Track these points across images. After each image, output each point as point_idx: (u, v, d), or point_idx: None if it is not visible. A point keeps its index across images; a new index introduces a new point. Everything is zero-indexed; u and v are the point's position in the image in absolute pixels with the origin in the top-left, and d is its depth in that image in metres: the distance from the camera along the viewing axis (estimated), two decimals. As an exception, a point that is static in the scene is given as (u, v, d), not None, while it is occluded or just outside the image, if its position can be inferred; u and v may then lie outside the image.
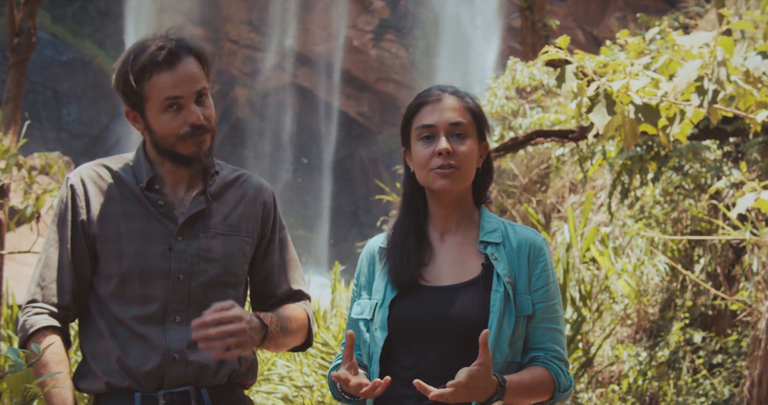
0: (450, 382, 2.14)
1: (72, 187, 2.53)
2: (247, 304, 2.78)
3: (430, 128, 2.39)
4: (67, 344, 2.52)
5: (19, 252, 5.01)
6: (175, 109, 2.45)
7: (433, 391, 2.14)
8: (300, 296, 2.69)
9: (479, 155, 2.45)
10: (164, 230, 2.49)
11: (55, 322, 2.48)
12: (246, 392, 2.66)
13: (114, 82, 2.50)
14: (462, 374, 2.15)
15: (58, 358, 2.43)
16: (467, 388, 2.15)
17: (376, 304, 2.41)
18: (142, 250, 2.47)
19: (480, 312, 2.30)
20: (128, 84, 2.44)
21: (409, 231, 2.44)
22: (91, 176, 2.54)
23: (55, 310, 2.49)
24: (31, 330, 2.45)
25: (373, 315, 2.40)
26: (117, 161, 2.59)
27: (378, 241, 2.52)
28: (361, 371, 2.35)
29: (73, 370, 2.56)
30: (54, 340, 2.44)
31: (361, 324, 2.43)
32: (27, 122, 5.34)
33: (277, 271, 2.65)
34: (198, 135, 2.47)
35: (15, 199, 5.31)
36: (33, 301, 2.50)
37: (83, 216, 2.51)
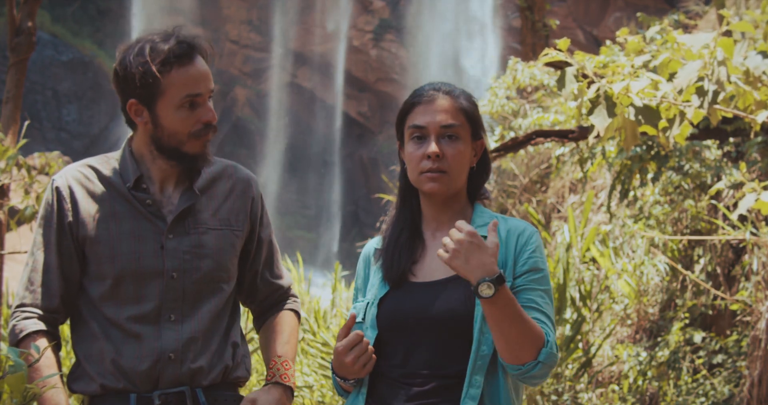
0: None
1: (57, 189, 2.50)
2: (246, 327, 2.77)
3: (421, 129, 2.37)
4: (58, 347, 2.50)
5: (19, 252, 5.01)
6: (189, 107, 2.43)
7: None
8: (283, 295, 2.72)
9: (474, 154, 2.43)
10: (154, 229, 2.47)
11: (45, 326, 2.46)
12: (242, 391, 2.66)
13: (122, 72, 2.43)
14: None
15: (50, 362, 2.42)
16: (468, 245, 2.15)
17: (368, 303, 2.41)
18: (134, 249, 2.45)
19: (466, 306, 2.29)
20: (147, 75, 2.39)
21: (404, 227, 2.44)
22: (77, 178, 2.51)
23: (43, 313, 2.47)
24: (21, 335, 2.44)
25: (365, 315, 2.40)
26: (103, 161, 2.55)
27: (374, 244, 2.52)
28: None
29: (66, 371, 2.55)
30: (45, 345, 2.42)
31: (357, 327, 2.43)
32: (27, 122, 5.34)
33: (263, 270, 2.66)
34: (207, 134, 2.46)
35: (15, 199, 5.31)
36: (22, 305, 2.48)
37: (70, 218, 2.48)
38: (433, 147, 2.34)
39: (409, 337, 2.32)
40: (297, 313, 2.72)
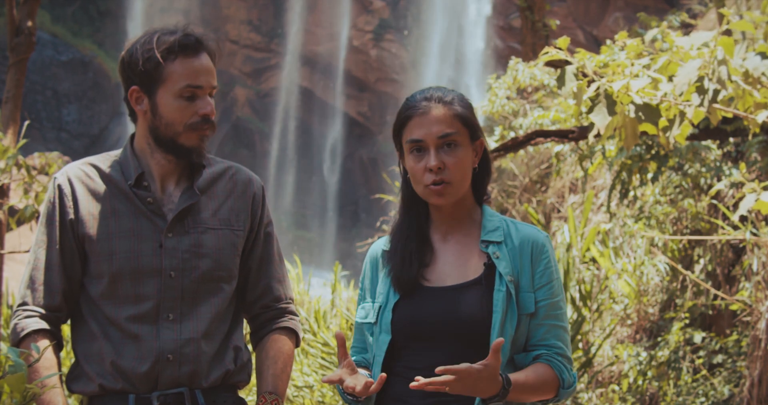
0: (446, 368, 2.13)
1: (59, 187, 2.49)
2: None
3: (419, 143, 2.35)
4: (59, 346, 2.49)
5: (19, 252, 5.01)
6: (188, 98, 2.44)
7: (424, 381, 2.13)
8: (280, 311, 2.64)
9: (474, 155, 2.41)
10: (154, 227, 2.46)
11: (46, 325, 2.45)
12: (241, 393, 2.65)
13: (127, 59, 2.45)
14: (462, 366, 2.14)
15: (49, 363, 2.41)
16: (462, 384, 2.14)
17: (380, 307, 2.40)
18: (133, 248, 2.44)
19: (483, 312, 2.30)
20: (150, 61, 2.42)
21: (410, 233, 2.43)
22: (79, 175, 2.50)
23: (45, 312, 2.46)
24: (22, 334, 2.42)
25: (377, 318, 2.40)
26: (104, 159, 2.55)
27: (381, 244, 2.50)
28: (362, 371, 2.36)
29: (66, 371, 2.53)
30: (45, 345, 2.41)
31: (366, 328, 2.44)
32: (27, 122, 5.34)
33: (257, 268, 2.61)
34: (204, 128, 2.46)
35: (15, 199, 5.32)
36: (23, 303, 2.47)
37: (71, 216, 2.47)
38: (433, 160, 2.32)
39: (426, 342, 2.33)
40: (295, 334, 2.64)
